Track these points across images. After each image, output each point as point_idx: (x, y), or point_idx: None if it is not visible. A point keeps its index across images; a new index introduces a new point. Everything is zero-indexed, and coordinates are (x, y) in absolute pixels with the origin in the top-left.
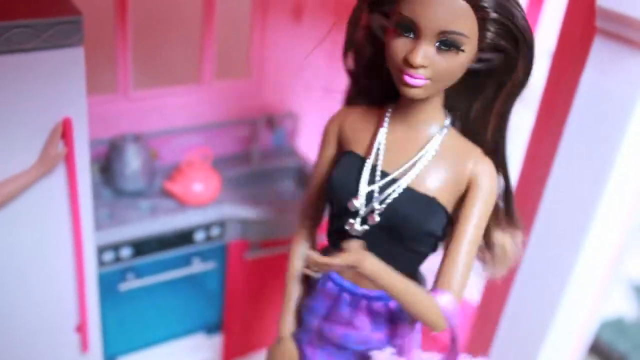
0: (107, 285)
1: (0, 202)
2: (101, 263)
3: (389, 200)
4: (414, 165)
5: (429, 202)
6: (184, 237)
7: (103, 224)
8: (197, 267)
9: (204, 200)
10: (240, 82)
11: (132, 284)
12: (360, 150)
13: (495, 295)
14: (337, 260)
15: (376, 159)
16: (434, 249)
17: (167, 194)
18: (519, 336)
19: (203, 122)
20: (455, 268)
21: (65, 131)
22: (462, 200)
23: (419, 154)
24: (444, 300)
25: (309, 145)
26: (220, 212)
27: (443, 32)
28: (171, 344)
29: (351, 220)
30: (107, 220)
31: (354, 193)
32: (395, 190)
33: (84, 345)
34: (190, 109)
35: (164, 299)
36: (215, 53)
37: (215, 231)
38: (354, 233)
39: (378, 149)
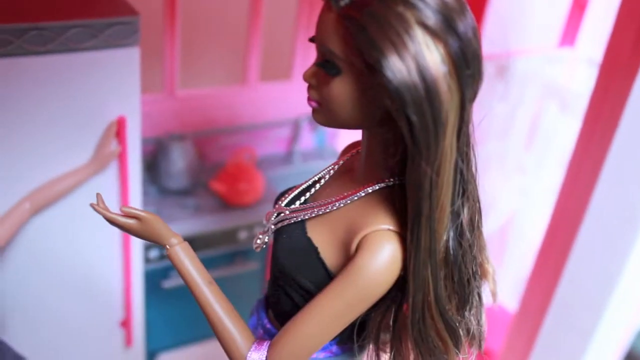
0: (152, 282)
1: (55, 197)
2: (147, 260)
3: (279, 226)
4: (324, 206)
5: (308, 249)
6: (227, 237)
7: None
8: (240, 266)
9: (248, 200)
10: (283, 83)
11: (175, 281)
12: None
13: (535, 305)
14: (122, 222)
15: (311, 187)
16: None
17: (211, 193)
18: (559, 347)
19: (246, 123)
20: (286, 345)
21: (119, 130)
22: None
23: (337, 202)
24: (256, 357)
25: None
26: (264, 212)
27: (322, 50)
28: (210, 342)
29: (259, 234)
30: None
31: (275, 204)
32: (288, 220)
33: (128, 340)
34: (234, 110)
35: None
36: (260, 55)
37: (258, 231)
38: (254, 246)
39: (318, 180)
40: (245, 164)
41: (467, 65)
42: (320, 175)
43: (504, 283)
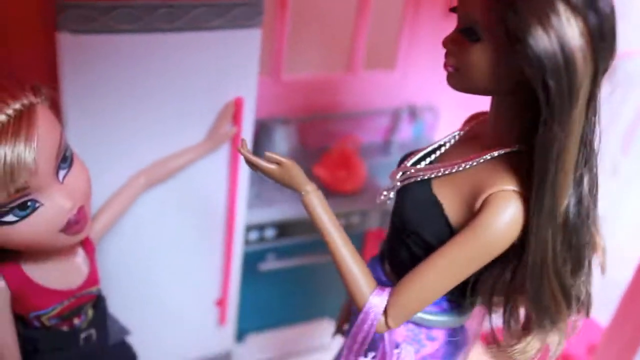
0: (249, 263)
1: (169, 174)
2: (246, 242)
3: (405, 183)
4: (450, 166)
5: (433, 205)
6: None
7: (251, 203)
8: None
9: (349, 187)
10: (386, 72)
11: (271, 264)
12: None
13: (634, 319)
14: (264, 166)
15: (436, 150)
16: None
17: (311, 178)
18: None
19: (348, 110)
20: (405, 293)
21: (236, 111)
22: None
23: (463, 163)
24: (376, 301)
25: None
26: (362, 201)
27: (463, 17)
28: (298, 326)
29: (384, 190)
30: (255, 200)
31: (399, 166)
32: (413, 178)
33: (222, 319)
34: (337, 96)
35: (298, 282)
36: (366, 43)
37: (355, 218)
38: (377, 201)
39: (443, 144)
40: (348, 152)
41: (602, 39)
42: (445, 140)
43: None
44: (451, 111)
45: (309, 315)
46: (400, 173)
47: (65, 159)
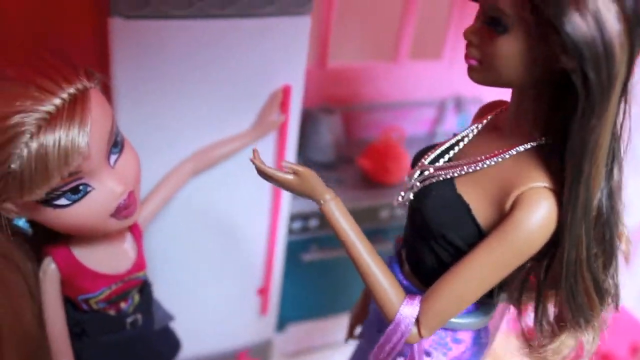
0: (292, 253)
1: (216, 161)
2: (290, 231)
3: (426, 183)
4: (472, 164)
5: (459, 206)
6: (369, 214)
7: None
8: (378, 245)
9: (393, 179)
10: (433, 63)
11: (314, 255)
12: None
13: None
14: (280, 176)
15: (454, 146)
16: (454, 259)
17: (355, 168)
18: None
19: (393, 100)
20: (440, 301)
21: (284, 98)
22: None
23: (487, 160)
24: (407, 312)
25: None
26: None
27: (488, 8)
28: (337, 317)
29: (401, 191)
30: None
31: (416, 163)
32: (435, 177)
33: (264, 308)
34: (382, 86)
35: (339, 273)
36: (413, 33)
37: (399, 210)
38: (394, 204)
39: (461, 138)
40: (393, 143)
41: (638, 23)
42: (463, 134)
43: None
44: None
45: (349, 306)
46: (418, 172)
47: (116, 144)
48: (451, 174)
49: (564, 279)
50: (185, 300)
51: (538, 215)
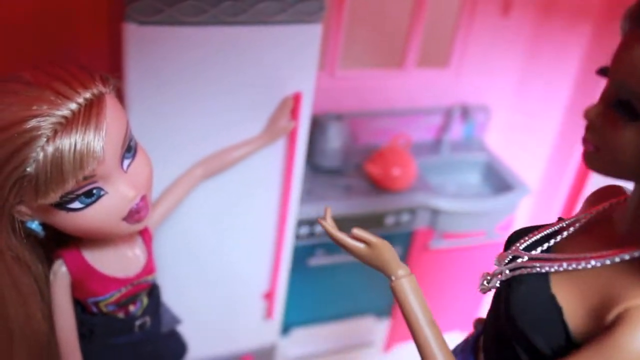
0: (299, 258)
1: (226, 166)
2: (297, 236)
3: (516, 273)
4: (575, 261)
5: (550, 308)
6: (375, 220)
7: (303, 198)
8: None
9: (400, 186)
10: (440, 70)
11: (320, 260)
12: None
13: None
14: (350, 244)
15: (557, 234)
16: None
17: (362, 174)
18: None
19: (399, 107)
20: None
21: (294, 105)
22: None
23: (593, 260)
24: None
25: (498, 140)
26: (412, 199)
27: (619, 88)
28: (342, 322)
29: (488, 272)
30: (305, 195)
31: (509, 246)
32: (528, 269)
33: (269, 312)
34: (389, 93)
35: (345, 278)
36: (420, 41)
37: (405, 217)
38: (478, 289)
39: (567, 227)
40: (400, 150)
41: None
42: (568, 222)
43: None
44: (503, 112)
45: (355, 311)
46: (510, 257)
47: (130, 149)
48: (547, 268)
49: None
50: (191, 303)
51: None
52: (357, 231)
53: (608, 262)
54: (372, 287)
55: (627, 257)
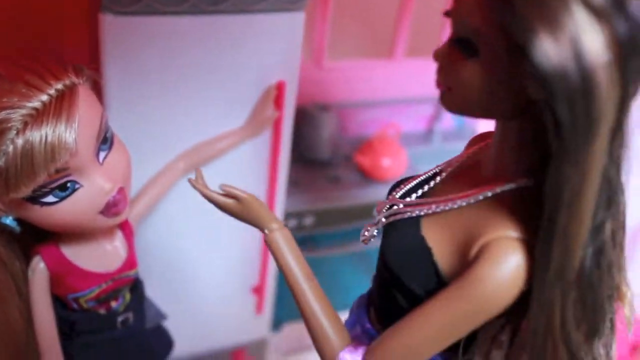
0: None
1: (209, 159)
2: None
3: (391, 219)
4: (443, 203)
5: (421, 249)
6: (365, 212)
7: (289, 190)
8: (374, 243)
9: (390, 176)
10: (429, 60)
11: (309, 253)
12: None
13: None
14: (220, 200)
15: (431, 180)
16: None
17: (351, 165)
18: None
19: (389, 97)
20: (383, 354)
21: (278, 95)
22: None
23: (459, 200)
24: (348, 359)
25: (490, 129)
26: None
27: (458, 26)
28: None
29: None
30: (293, 188)
31: (388, 196)
32: (401, 215)
33: (259, 307)
34: (379, 83)
35: (334, 271)
36: (409, 30)
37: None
38: (361, 239)
39: (439, 172)
40: (389, 140)
41: (635, 53)
42: (441, 167)
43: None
44: None
45: (344, 304)
46: (387, 206)
47: (105, 140)
48: (418, 212)
49: (531, 347)
50: (180, 299)
51: (503, 270)
52: (225, 186)
53: (472, 200)
54: (364, 280)
55: (489, 194)
